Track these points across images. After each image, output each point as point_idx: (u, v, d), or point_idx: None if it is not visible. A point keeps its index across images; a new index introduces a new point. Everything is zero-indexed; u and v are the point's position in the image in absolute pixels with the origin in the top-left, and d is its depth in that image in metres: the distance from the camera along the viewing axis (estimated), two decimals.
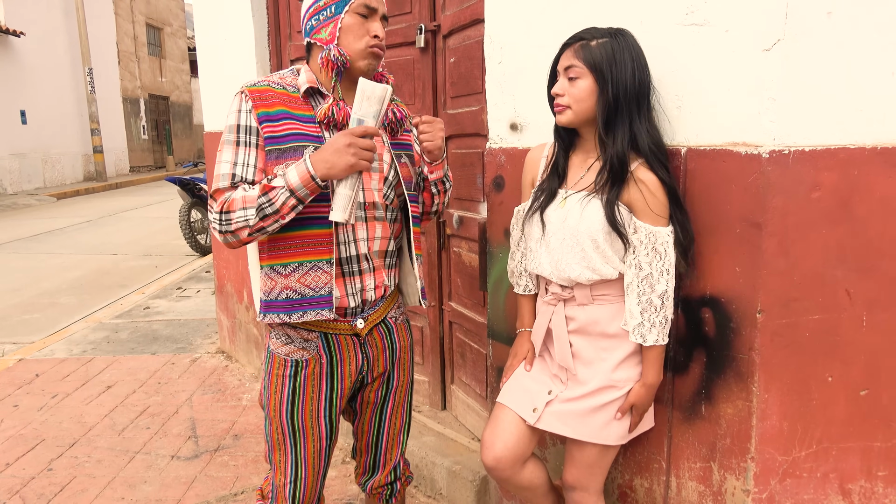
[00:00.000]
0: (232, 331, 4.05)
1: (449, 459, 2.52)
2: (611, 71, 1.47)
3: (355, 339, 1.61)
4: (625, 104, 1.48)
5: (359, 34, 1.48)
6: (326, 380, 1.59)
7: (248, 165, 1.46)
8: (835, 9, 1.38)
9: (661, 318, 1.51)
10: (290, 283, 1.50)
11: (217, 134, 3.80)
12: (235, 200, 1.42)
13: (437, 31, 2.57)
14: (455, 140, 2.57)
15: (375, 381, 1.70)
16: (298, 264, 1.49)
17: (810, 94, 1.40)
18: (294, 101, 1.51)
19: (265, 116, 1.46)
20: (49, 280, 6.44)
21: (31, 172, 15.38)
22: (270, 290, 1.51)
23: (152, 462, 2.85)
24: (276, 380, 1.58)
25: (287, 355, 1.57)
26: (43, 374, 3.91)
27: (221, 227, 1.45)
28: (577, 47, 1.51)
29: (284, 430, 1.59)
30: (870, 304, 1.49)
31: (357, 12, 1.48)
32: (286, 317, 1.51)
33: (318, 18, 1.50)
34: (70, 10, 16.69)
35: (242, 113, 1.47)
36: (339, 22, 1.47)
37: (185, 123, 24.59)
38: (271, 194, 1.40)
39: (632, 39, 1.51)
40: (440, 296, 2.81)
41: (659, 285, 1.49)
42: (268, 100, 1.48)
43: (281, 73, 1.57)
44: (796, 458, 1.53)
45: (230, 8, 3.42)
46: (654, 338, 1.52)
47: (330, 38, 1.48)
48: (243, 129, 1.47)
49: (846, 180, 1.43)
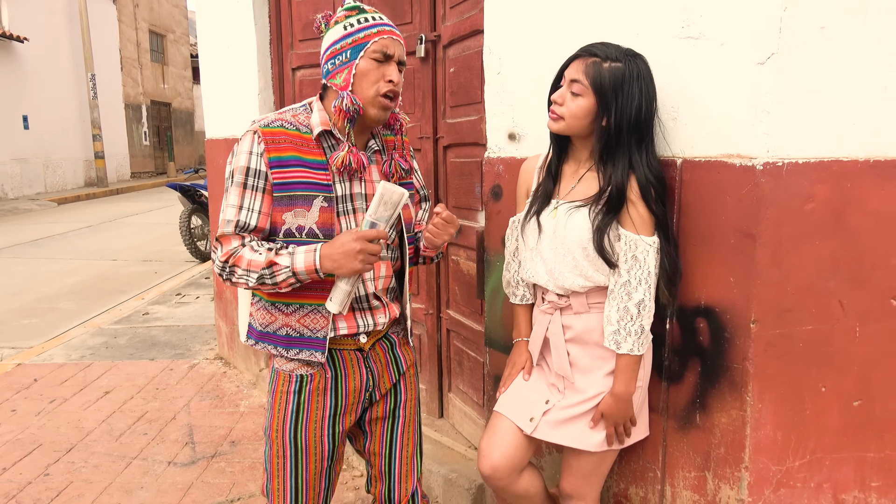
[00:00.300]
0: (230, 337, 4.06)
1: (446, 467, 2.53)
2: (616, 100, 1.46)
3: (359, 353, 1.61)
4: (626, 135, 1.48)
5: (373, 80, 1.47)
6: (331, 396, 1.58)
7: (253, 211, 1.47)
8: (828, 24, 1.40)
9: (637, 328, 1.50)
10: (291, 321, 1.53)
11: (218, 141, 3.82)
12: (242, 259, 1.45)
13: (437, 41, 2.60)
14: (454, 149, 2.59)
15: (383, 398, 1.68)
16: (300, 306, 1.53)
17: (804, 107, 1.42)
18: (306, 143, 1.51)
19: (276, 161, 1.46)
20: (49, 285, 6.45)
21: (33, 177, 15.42)
22: (269, 324, 1.55)
23: (149, 468, 2.85)
24: (280, 397, 1.58)
25: (292, 371, 1.58)
26: (41, 379, 3.92)
27: (224, 274, 1.49)
28: (588, 62, 1.49)
29: (286, 450, 1.57)
30: (863, 316, 1.50)
31: (372, 58, 1.47)
32: (283, 350, 1.55)
33: (335, 63, 1.49)
34: (74, 16, 16.78)
35: (253, 155, 1.47)
36: (354, 68, 1.47)
37: (186, 130, 24.66)
38: (275, 268, 1.43)
39: (644, 66, 1.49)
40: (438, 304, 2.83)
41: (636, 293, 1.50)
42: (280, 143, 1.48)
43: (294, 110, 1.56)
44: (790, 467, 1.54)
45: (233, 16, 3.45)
46: (629, 346, 1.51)
47: (344, 84, 1.48)
48: (252, 172, 1.47)
49: (839, 192, 1.44)
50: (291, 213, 1.47)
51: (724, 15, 1.45)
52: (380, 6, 2.63)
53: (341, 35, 1.48)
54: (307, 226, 1.48)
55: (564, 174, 1.65)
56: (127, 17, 19.91)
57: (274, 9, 3.30)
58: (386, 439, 1.70)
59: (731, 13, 1.44)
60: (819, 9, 1.39)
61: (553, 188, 1.64)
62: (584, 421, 1.59)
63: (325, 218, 1.49)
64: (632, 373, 1.54)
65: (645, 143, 1.50)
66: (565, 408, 1.62)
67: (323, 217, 1.49)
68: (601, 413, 1.57)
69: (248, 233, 1.48)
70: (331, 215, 1.50)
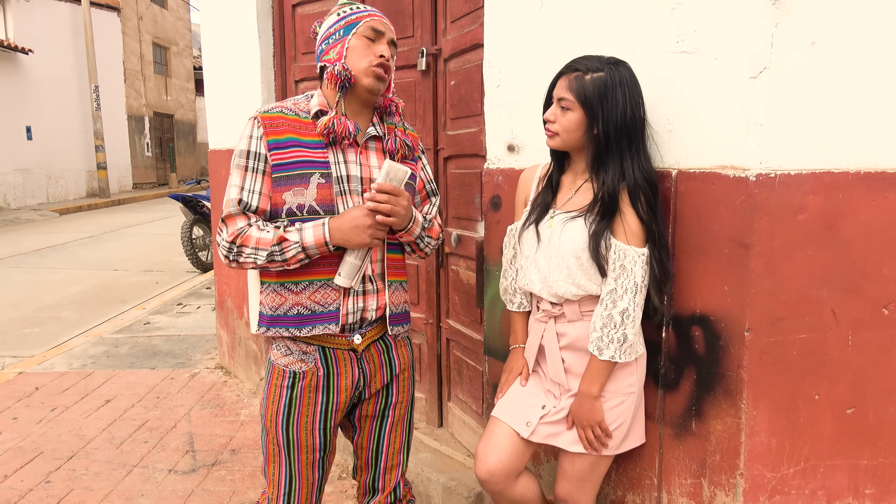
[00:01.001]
0: (231, 346, 4.08)
1: (445, 476, 2.54)
2: (601, 107, 1.51)
3: (352, 353, 1.64)
4: (615, 141, 1.52)
5: (364, 54, 1.54)
6: (323, 392, 1.62)
7: (254, 192, 1.53)
8: (819, 39, 1.43)
9: (620, 336, 1.53)
10: (301, 299, 1.57)
11: (221, 152, 3.86)
12: (250, 238, 1.50)
13: (438, 54, 2.64)
14: (454, 160, 2.63)
15: (374, 396, 1.72)
16: (309, 283, 1.56)
17: (795, 119, 1.45)
18: (304, 126, 1.57)
19: (274, 144, 1.53)
20: (50, 294, 6.48)
21: (35, 188, 15.49)
22: (279, 306, 1.58)
23: (150, 476, 2.86)
24: (274, 390, 1.62)
25: (286, 366, 1.61)
26: (42, 388, 3.93)
27: (230, 255, 1.53)
28: (571, 78, 1.55)
29: (279, 441, 1.62)
30: (855, 324, 1.53)
31: (364, 35, 1.54)
32: (296, 331, 1.57)
33: (328, 42, 1.57)
34: (78, 28, 16.95)
35: (253, 139, 1.54)
36: (347, 43, 1.54)
37: (188, 141, 24.78)
38: (284, 245, 1.49)
39: (627, 72, 1.53)
40: (438, 313, 2.85)
41: (621, 302, 1.52)
42: (278, 127, 1.55)
43: (295, 99, 1.63)
44: (785, 474, 1.56)
45: (237, 30, 3.50)
46: (611, 353, 1.54)
47: (337, 57, 1.55)
48: (252, 155, 1.54)
49: (831, 203, 1.48)
50: (290, 193, 1.52)
51: (717, 30, 1.49)
52: None
53: (334, 21, 1.57)
54: (307, 203, 1.53)
55: (563, 185, 1.69)
56: (131, 29, 20.09)
57: (277, 22, 3.35)
58: (374, 436, 1.75)
59: (725, 29, 1.48)
60: (810, 24, 1.43)
61: (552, 199, 1.68)
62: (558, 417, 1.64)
63: (323, 194, 1.54)
64: (598, 376, 1.57)
65: (635, 147, 1.54)
66: (560, 411, 1.65)
67: (321, 193, 1.54)
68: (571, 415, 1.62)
69: (252, 213, 1.54)
70: (329, 192, 1.54)
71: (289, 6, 3.28)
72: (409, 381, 1.78)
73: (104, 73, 17.63)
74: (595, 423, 1.59)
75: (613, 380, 1.60)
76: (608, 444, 1.62)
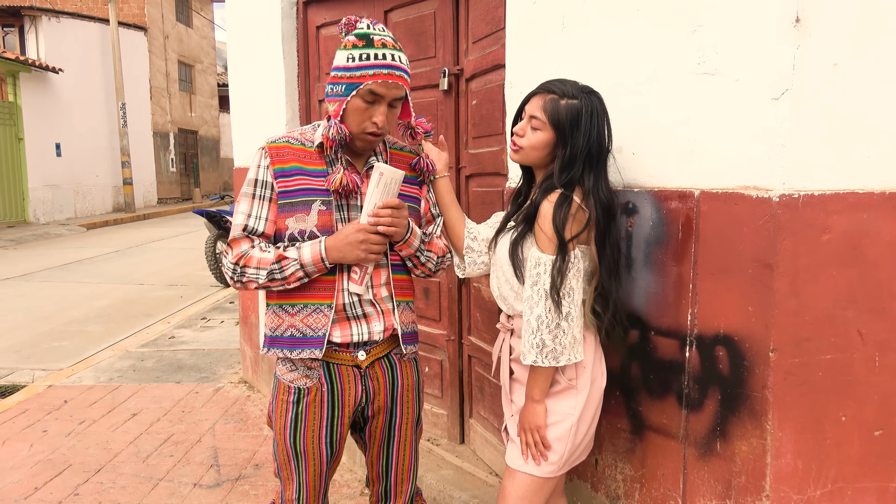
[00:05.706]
0: (255, 361, 4.13)
1: (466, 493, 2.54)
2: (571, 134, 1.57)
3: (356, 370, 1.68)
4: (578, 164, 1.58)
5: (359, 119, 1.57)
6: (328, 407, 1.67)
7: (260, 218, 1.61)
8: (840, 60, 1.44)
9: (538, 341, 1.55)
10: (295, 322, 1.63)
11: (246, 169, 3.92)
12: (252, 258, 1.59)
13: (460, 74, 2.68)
14: (476, 178, 2.65)
15: (378, 416, 1.75)
16: (304, 306, 1.63)
17: (818, 140, 1.45)
18: (308, 155, 1.64)
19: (280, 172, 1.61)
20: (78, 308, 6.60)
21: (63, 203, 15.83)
22: (277, 327, 1.65)
23: (175, 489, 2.90)
24: (280, 405, 1.69)
25: (291, 382, 1.67)
26: (71, 401, 4.01)
27: (234, 276, 1.62)
28: (546, 99, 1.59)
29: (288, 452, 1.69)
30: (882, 345, 1.52)
31: (363, 98, 1.56)
32: (288, 353, 1.64)
33: (333, 89, 1.59)
34: (106, 47, 17.36)
35: (261, 168, 1.63)
36: (346, 103, 1.57)
37: (212, 157, 25.17)
38: (283, 263, 1.57)
39: (598, 102, 1.60)
40: (459, 330, 2.86)
41: (536, 308, 1.55)
42: (284, 156, 1.63)
43: (303, 129, 1.71)
44: (811, 496, 1.55)
45: (262, 50, 3.58)
46: (532, 359, 1.56)
47: (335, 114, 1.59)
48: (260, 183, 1.62)
49: (855, 224, 1.47)
50: (293, 219, 1.60)
51: (738, 52, 1.50)
52: (404, 41, 2.72)
53: (343, 65, 1.56)
54: (308, 229, 1.60)
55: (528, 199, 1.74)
56: (157, 48, 20.53)
57: (302, 43, 3.42)
58: (382, 454, 1.80)
59: (746, 50, 1.49)
60: (832, 46, 1.43)
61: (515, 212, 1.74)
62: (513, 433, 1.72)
63: (324, 220, 1.61)
64: (534, 380, 1.62)
65: (594, 173, 1.59)
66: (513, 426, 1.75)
67: (322, 220, 1.61)
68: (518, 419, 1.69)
69: (257, 237, 1.61)
70: (329, 218, 1.61)
71: (313, 28, 3.35)
72: (412, 401, 1.79)
73: (131, 90, 18.02)
74: (534, 428, 1.63)
75: (556, 398, 1.64)
76: (546, 457, 1.63)
